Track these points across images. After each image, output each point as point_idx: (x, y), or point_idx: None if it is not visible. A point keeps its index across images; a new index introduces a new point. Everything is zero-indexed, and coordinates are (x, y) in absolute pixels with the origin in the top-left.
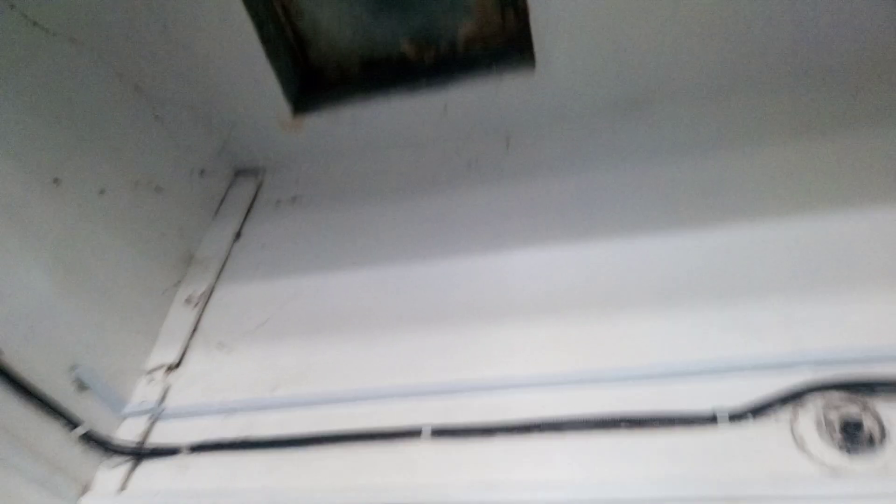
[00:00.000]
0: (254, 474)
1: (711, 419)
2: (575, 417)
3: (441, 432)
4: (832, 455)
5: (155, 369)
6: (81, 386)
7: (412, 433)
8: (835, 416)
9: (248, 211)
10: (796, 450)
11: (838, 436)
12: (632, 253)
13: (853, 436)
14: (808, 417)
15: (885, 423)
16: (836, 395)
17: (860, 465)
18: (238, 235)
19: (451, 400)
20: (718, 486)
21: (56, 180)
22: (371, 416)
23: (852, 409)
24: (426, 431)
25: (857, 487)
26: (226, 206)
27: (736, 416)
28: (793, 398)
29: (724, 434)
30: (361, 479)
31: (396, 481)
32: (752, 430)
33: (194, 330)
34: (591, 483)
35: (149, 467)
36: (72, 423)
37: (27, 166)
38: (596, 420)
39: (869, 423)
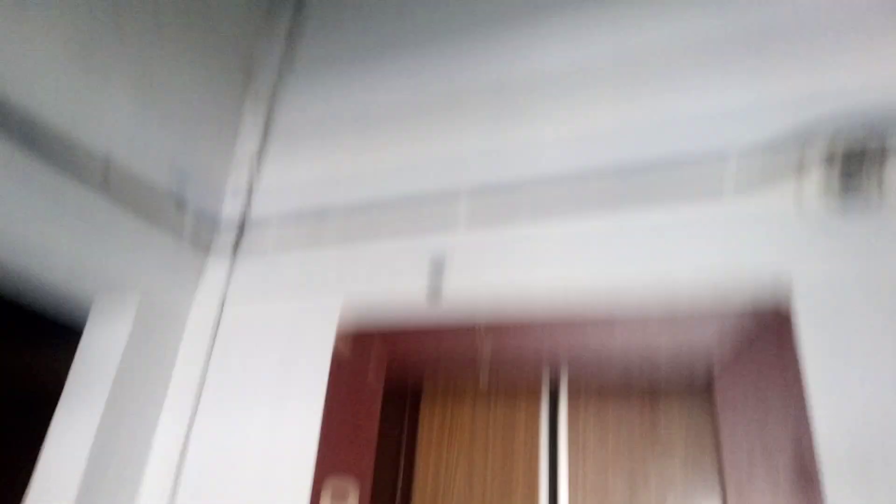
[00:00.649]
0: (326, 261)
1: (718, 186)
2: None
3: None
4: (831, 211)
5: (238, 183)
6: (182, 196)
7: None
8: (837, 173)
9: (296, 16)
10: (797, 206)
11: (839, 192)
12: (661, 18)
13: (854, 193)
14: (812, 178)
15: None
16: (842, 155)
17: (857, 221)
18: (290, 38)
19: (484, 175)
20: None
21: (116, 22)
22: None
23: (855, 167)
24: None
25: (853, 240)
26: (272, 17)
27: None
28: (801, 159)
29: (731, 204)
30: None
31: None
32: (756, 192)
33: (264, 145)
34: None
35: (243, 264)
36: (177, 230)
37: (90, 15)
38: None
39: (870, 181)
